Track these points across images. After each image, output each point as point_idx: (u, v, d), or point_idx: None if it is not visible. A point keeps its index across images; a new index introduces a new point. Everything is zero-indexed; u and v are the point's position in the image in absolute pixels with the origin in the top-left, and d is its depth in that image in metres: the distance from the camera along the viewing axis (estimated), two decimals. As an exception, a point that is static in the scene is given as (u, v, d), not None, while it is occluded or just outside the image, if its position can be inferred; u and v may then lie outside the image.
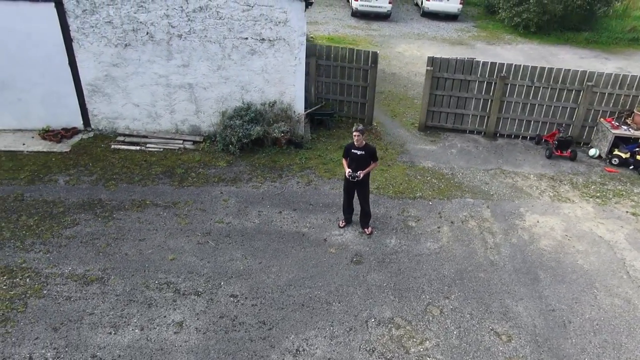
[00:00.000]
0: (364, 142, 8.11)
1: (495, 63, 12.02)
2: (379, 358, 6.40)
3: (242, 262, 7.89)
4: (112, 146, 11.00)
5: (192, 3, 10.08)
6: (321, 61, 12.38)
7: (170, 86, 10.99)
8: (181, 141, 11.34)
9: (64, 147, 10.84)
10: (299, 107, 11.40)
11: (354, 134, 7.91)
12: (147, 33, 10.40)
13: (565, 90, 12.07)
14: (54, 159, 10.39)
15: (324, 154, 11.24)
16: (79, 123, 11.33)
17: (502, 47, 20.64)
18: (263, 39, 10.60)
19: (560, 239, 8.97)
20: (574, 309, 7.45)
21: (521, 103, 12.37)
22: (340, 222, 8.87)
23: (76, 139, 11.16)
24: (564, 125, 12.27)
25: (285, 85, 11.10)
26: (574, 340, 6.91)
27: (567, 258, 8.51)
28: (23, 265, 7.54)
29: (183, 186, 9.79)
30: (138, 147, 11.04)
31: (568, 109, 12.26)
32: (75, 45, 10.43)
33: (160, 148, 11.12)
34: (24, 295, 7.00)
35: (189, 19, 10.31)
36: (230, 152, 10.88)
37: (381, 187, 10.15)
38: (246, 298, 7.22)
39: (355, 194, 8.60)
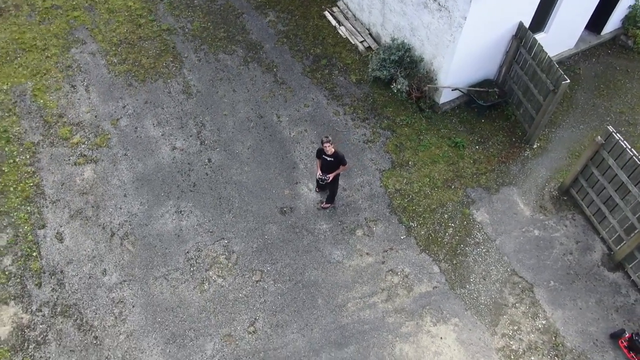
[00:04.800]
0: (334, 150, 8.97)
1: (667, 199, 8.39)
2: (202, 258, 9.42)
3: (244, 147, 10.95)
4: (324, 12, 13.60)
5: None
6: (523, 50, 10.80)
7: (373, -8, 12.19)
8: (361, 40, 12.98)
9: (303, -7, 14.00)
10: (442, 79, 11.15)
11: (325, 144, 8.81)
12: (370, -60, 11.40)
13: None
14: (288, -1, 13.84)
15: (425, 131, 11.34)
16: (327, -20, 13.97)
17: None
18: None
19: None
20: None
21: (667, 266, 8.73)
22: (316, 189, 10.30)
23: (317, -9, 14.03)
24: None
25: (438, 51, 10.87)
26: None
27: (390, 371, 8.51)
28: (184, 58, 12.44)
29: (307, 76, 12.30)
30: (335, 24, 13.34)
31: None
32: None
33: (344, 36, 13.15)
34: (158, 78, 12.12)
35: (395, -54, 10.73)
36: (368, 74, 12.20)
37: (408, 197, 10.42)
38: (211, 168, 10.67)
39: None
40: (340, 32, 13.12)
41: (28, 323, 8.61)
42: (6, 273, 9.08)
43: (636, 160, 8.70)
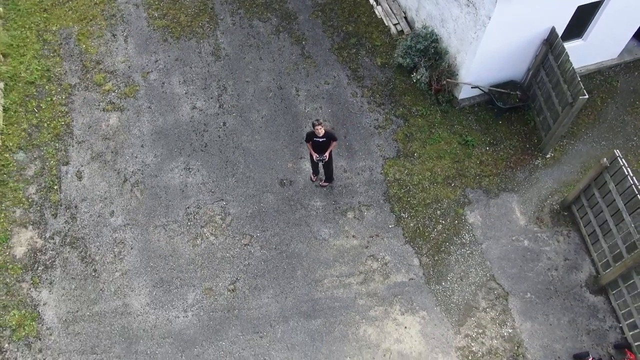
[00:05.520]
0: (324, 130, 9.27)
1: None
2: (200, 215, 10.15)
3: (259, 116, 11.41)
4: (366, -11, 13.53)
5: None
6: (551, 55, 10.50)
7: (412, -24, 12.03)
8: (395, 22, 12.90)
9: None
10: (463, 75, 11.06)
11: (317, 127, 9.08)
12: None
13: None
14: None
15: (438, 125, 11.36)
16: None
17: None
18: (464, -6, 10.14)
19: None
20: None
21: (645, 300, 8.65)
22: (313, 177, 10.62)
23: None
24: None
25: (462, 46, 10.75)
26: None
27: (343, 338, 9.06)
28: (220, 20, 12.89)
29: (334, 52, 12.46)
30: (372, 2, 13.29)
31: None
32: None
33: (379, 17, 13.12)
34: (191, 37, 12.65)
35: None
36: (393, 59, 12.21)
37: (405, 188, 10.62)
38: (224, 132, 11.27)
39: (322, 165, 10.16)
40: (377, 12, 13.08)
41: (40, 247, 9.73)
42: (29, 200, 10.20)
43: (634, 189, 8.50)
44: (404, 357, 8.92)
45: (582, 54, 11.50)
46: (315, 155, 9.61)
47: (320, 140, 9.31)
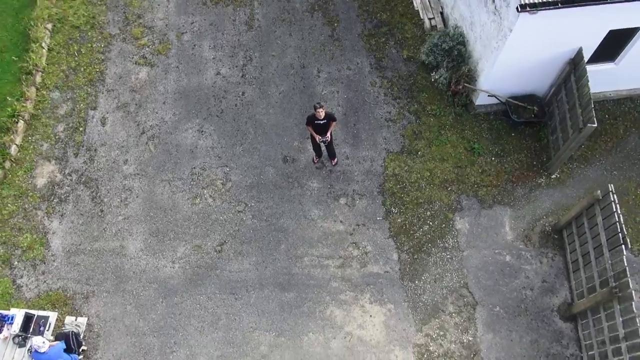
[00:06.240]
0: (324, 113, 9.61)
1: None
2: (203, 177, 10.85)
3: (276, 91, 11.86)
4: (407, -22, 13.43)
5: None
6: (573, 75, 10.31)
7: (452, -28, 11.89)
8: (431, 17, 12.81)
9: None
10: (481, 81, 11.02)
11: (318, 110, 9.45)
12: None
13: None
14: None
15: (448, 127, 11.43)
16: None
17: None
18: (493, 1, 10.05)
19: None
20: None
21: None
22: (315, 159, 11.01)
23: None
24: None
25: (485, 54, 10.69)
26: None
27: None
28: (259, -9, 13.24)
29: (362, 39, 12.58)
30: (411, -7, 13.23)
31: None
32: None
33: (416, 8, 13.06)
34: (229, 4, 13.07)
35: None
36: (419, 53, 12.23)
37: (401, 184, 10.88)
38: (241, 101, 11.79)
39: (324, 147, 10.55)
40: (414, 3, 13.02)
41: (59, 182, 10.75)
42: (56, 137, 11.19)
43: (617, 227, 8.47)
44: (363, 343, 9.44)
45: (613, 78, 11.17)
46: (317, 137, 10.00)
47: (322, 122, 9.68)
